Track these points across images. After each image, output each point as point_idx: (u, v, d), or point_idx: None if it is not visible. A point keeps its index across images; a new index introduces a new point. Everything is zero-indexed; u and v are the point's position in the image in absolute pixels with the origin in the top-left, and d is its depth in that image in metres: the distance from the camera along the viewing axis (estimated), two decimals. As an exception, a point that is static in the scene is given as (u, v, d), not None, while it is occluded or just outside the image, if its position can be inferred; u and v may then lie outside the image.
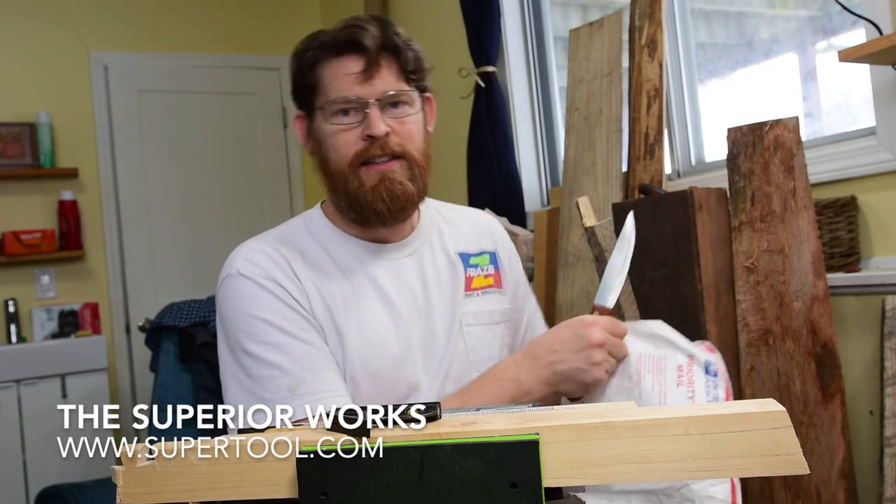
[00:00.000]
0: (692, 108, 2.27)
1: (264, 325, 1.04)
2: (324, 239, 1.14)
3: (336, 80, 1.07)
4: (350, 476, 0.65)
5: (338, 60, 1.08)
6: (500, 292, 1.21)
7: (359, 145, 1.07)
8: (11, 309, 3.43)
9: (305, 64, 1.10)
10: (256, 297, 1.06)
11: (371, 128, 1.06)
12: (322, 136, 1.10)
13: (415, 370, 1.10)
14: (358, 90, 1.06)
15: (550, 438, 0.64)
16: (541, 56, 2.88)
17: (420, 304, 1.13)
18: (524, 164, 2.84)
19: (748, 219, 1.57)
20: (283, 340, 1.04)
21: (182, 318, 2.70)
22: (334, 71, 1.08)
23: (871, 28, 1.58)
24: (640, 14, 2.04)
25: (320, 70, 1.09)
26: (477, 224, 1.27)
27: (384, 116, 1.07)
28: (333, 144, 1.08)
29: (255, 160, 4.06)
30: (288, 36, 4.14)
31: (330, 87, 1.08)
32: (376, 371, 1.07)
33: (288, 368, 1.02)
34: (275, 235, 1.15)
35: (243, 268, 1.07)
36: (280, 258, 1.09)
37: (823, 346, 1.51)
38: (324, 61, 1.08)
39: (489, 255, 1.22)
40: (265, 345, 1.04)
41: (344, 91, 1.06)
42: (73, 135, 3.63)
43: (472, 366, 1.14)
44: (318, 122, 1.10)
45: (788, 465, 0.61)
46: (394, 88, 1.08)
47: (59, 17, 3.65)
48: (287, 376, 1.02)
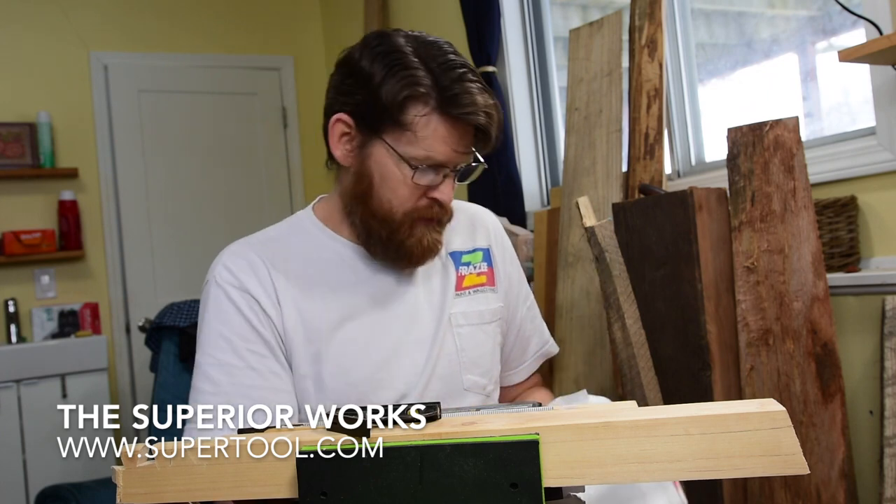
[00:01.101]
0: (692, 108, 2.27)
1: (220, 339, 1.04)
2: (313, 242, 1.13)
3: (434, 143, 1.01)
4: (350, 476, 0.65)
5: (444, 123, 1.01)
6: (492, 290, 1.20)
7: (422, 203, 1.05)
8: (11, 309, 3.43)
9: (400, 98, 1.00)
10: (220, 310, 1.05)
11: (443, 195, 1.04)
12: (381, 172, 1.04)
13: (399, 372, 1.09)
14: (450, 161, 1.03)
15: (550, 438, 0.64)
16: (541, 56, 2.88)
17: (408, 307, 1.12)
18: (524, 164, 2.84)
19: (748, 219, 1.57)
20: (231, 360, 1.03)
21: (182, 318, 2.70)
22: (438, 133, 1.01)
23: (871, 28, 1.58)
24: (640, 14, 2.04)
25: (417, 117, 1.00)
26: (472, 219, 1.25)
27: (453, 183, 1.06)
28: (395, 190, 1.04)
29: (255, 160, 4.06)
30: (288, 36, 4.17)
31: (423, 142, 1.01)
32: (356, 379, 1.06)
33: (224, 389, 1.02)
34: (261, 239, 1.13)
35: (219, 275, 1.07)
36: (260, 265, 1.07)
37: (823, 346, 1.51)
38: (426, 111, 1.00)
39: (482, 252, 1.21)
40: (213, 359, 1.04)
41: (439, 157, 1.01)
42: (73, 135, 3.63)
43: (462, 366, 1.14)
44: (382, 155, 1.03)
45: (788, 465, 0.61)
46: (470, 161, 1.06)
47: (59, 17, 3.65)
48: (219, 395, 1.02)
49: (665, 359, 1.63)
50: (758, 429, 0.61)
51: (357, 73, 1.03)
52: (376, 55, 1.02)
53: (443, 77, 1.00)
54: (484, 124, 1.01)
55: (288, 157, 4.14)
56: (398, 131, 1.01)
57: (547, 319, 1.39)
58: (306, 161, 4.15)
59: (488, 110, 1.01)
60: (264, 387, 1.03)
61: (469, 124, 1.02)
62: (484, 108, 1.01)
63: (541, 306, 2.30)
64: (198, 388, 1.04)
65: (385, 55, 1.01)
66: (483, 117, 1.01)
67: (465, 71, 1.02)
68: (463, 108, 1.00)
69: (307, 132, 4.14)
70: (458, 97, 0.99)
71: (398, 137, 1.01)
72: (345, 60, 1.06)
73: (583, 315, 2.04)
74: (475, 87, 1.01)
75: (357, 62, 1.03)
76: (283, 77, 4.14)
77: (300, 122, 4.15)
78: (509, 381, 1.29)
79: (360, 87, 1.02)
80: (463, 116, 1.00)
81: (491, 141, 1.05)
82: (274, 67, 4.12)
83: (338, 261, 1.11)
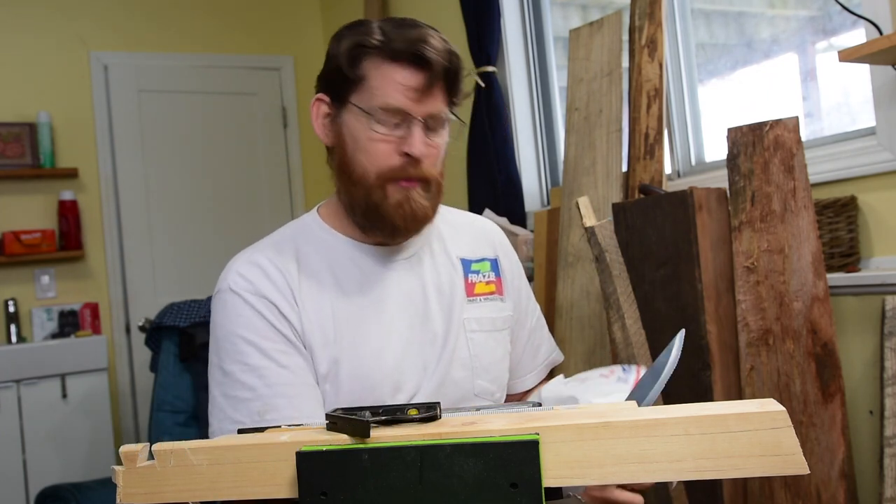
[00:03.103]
0: (692, 108, 2.27)
1: (245, 344, 1.03)
2: (320, 244, 1.12)
3: (387, 87, 1.02)
4: (350, 476, 0.65)
5: (393, 66, 1.03)
6: (501, 299, 1.21)
7: (393, 160, 1.04)
8: (11, 309, 3.43)
9: (353, 55, 1.04)
10: (241, 315, 1.05)
11: (413, 147, 1.03)
12: (353, 135, 1.06)
13: (411, 375, 1.09)
14: (408, 104, 1.03)
15: (550, 438, 0.64)
16: (541, 56, 2.88)
17: (418, 307, 1.12)
18: (524, 164, 2.84)
19: (748, 219, 1.57)
20: (261, 363, 1.02)
21: (182, 318, 2.70)
22: (387, 76, 1.03)
23: (871, 28, 1.58)
24: (640, 14, 2.04)
25: (370, 68, 1.03)
26: (479, 231, 1.26)
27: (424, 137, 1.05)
28: (366, 149, 1.04)
29: (255, 160, 4.06)
30: (288, 36, 4.17)
31: (378, 90, 1.03)
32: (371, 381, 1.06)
33: (261, 392, 1.01)
34: (270, 244, 1.13)
35: (234, 283, 1.07)
36: (274, 270, 1.07)
37: (823, 346, 1.51)
38: (377, 60, 1.03)
39: (490, 262, 1.22)
40: (243, 365, 1.03)
41: (394, 101, 1.02)
42: (73, 135, 3.63)
43: (475, 372, 1.14)
44: (351, 119, 1.06)
45: (788, 465, 0.61)
46: (440, 112, 1.06)
47: (59, 17, 3.65)
48: (259, 400, 1.01)
49: (665, 359, 1.63)
50: (758, 429, 0.61)
51: (330, 53, 1.08)
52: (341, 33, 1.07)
53: (393, 31, 1.04)
54: (432, 57, 1.02)
55: (288, 157, 4.14)
56: (359, 89, 1.04)
57: (547, 319, 1.40)
58: (306, 161, 4.15)
59: (434, 44, 1.03)
60: (298, 383, 1.03)
61: (418, 60, 1.02)
62: (430, 43, 1.02)
63: (541, 306, 2.30)
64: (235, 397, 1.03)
65: (348, 27, 1.07)
66: (430, 50, 1.02)
67: (424, 28, 1.05)
68: (407, 44, 1.02)
69: (307, 132, 4.14)
70: (404, 36, 1.03)
71: (360, 95, 1.04)
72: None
73: (583, 315, 2.04)
74: (425, 31, 1.04)
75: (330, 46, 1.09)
76: (283, 77, 4.14)
77: (300, 122, 4.15)
78: (518, 388, 1.30)
79: (327, 62, 1.08)
80: (407, 50, 1.02)
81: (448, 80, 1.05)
82: (274, 67, 4.13)
83: (346, 261, 1.11)
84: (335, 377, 1.05)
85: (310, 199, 4.10)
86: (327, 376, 1.06)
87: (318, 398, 1.05)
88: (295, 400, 1.02)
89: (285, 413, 1.00)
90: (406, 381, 1.09)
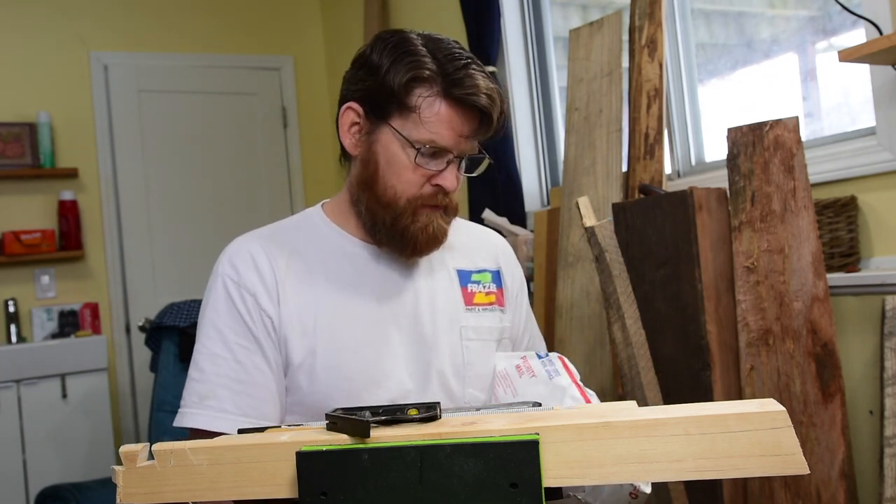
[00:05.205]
0: (692, 108, 2.27)
1: (213, 330, 1.07)
2: (320, 237, 1.14)
3: (439, 126, 1.04)
4: (350, 476, 0.65)
5: (449, 108, 1.04)
6: (501, 310, 1.22)
7: (426, 189, 1.07)
8: (11, 309, 3.42)
9: (406, 81, 1.03)
10: (218, 302, 1.08)
11: (446, 182, 1.06)
12: (387, 157, 1.07)
13: (395, 372, 1.10)
14: (454, 146, 1.05)
15: (550, 438, 0.64)
16: (541, 56, 2.88)
17: (407, 307, 1.13)
18: (524, 164, 2.84)
19: (748, 219, 1.57)
20: (219, 351, 1.06)
21: (182, 318, 2.70)
22: (442, 117, 1.04)
23: (871, 28, 1.58)
24: (640, 14, 2.04)
25: (423, 102, 1.03)
26: (479, 240, 1.27)
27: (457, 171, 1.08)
28: (400, 175, 1.06)
29: (255, 160, 4.05)
30: (288, 36, 4.17)
31: (427, 124, 1.04)
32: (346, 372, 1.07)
33: (209, 377, 1.06)
34: (268, 232, 1.16)
35: (223, 268, 1.10)
36: (264, 260, 1.09)
37: (823, 346, 1.51)
38: (431, 96, 1.03)
39: (491, 274, 1.23)
40: (204, 348, 1.07)
41: (441, 141, 1.04)
42: (73, 135, 3.63)
43: (467, 380, 1.15)
44: (388, 140, 1.06)
45: (788, 465, 0.61)
46: (475, 150, 1.09)
47: (59, 17, 3.65)
48: (205, 384, 1.06)
49: (665, 359, 1.63)
50: (758, 429, 0.61)
51: (368, 63, 1.07)
52: (386, 46, 1.06)
53: (448, 64, 1.04)
54: (486, 106, 1.04)
55: (288, 157, 4.13)
56: (404, 115, 1.05)
57: (547, 319, 1.40)
58: (306, 161, 4.15)
59: (490, 94, 1.04)
60: (246, 381, 1.06)
61: (472, 106, 1.04)
62: (486, 90, 1.04)
63: (541, 306, 2.31)
64: (189, 376, 1.08)
65: (395, 46, 1.06)
66: (485, 99, 1.03)
67: (470, 61, 1.05)
68: (466, 90, 1.03)
69: (307, 132, 4.14)
70: (462, 80, 1.03)
71: (404, 122, 1.05)
72: (358, 55, 1.11)
73: (583, 315, 2.04)
74: (479, 74, 1.04)
75: (369, 55, 1.08)
76: (283, 77, 4.14)
77: (300, 122, 4.14)
78: None
79: (370, 75, 1.06)
80: (466, 97, 1.03)
81: (493, 125, 1.08)
82: (274, 67, 4.12)
83: (341, 255, 1.13)
84: (311, 367, 1.07)
85: (310, 198, 4.10)
86: (302, 366, 1.07)
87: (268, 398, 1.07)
88: (238, 396, 1.05)
89: (222, 405, 1.04)
90: (387, 378, 1.09)
